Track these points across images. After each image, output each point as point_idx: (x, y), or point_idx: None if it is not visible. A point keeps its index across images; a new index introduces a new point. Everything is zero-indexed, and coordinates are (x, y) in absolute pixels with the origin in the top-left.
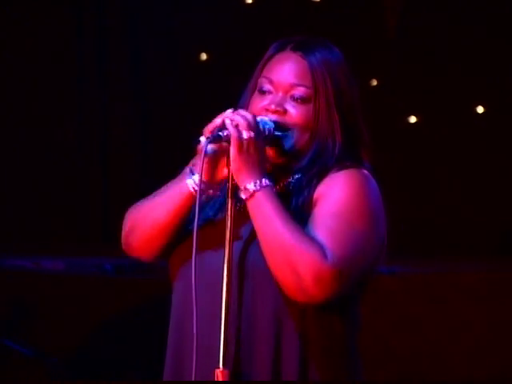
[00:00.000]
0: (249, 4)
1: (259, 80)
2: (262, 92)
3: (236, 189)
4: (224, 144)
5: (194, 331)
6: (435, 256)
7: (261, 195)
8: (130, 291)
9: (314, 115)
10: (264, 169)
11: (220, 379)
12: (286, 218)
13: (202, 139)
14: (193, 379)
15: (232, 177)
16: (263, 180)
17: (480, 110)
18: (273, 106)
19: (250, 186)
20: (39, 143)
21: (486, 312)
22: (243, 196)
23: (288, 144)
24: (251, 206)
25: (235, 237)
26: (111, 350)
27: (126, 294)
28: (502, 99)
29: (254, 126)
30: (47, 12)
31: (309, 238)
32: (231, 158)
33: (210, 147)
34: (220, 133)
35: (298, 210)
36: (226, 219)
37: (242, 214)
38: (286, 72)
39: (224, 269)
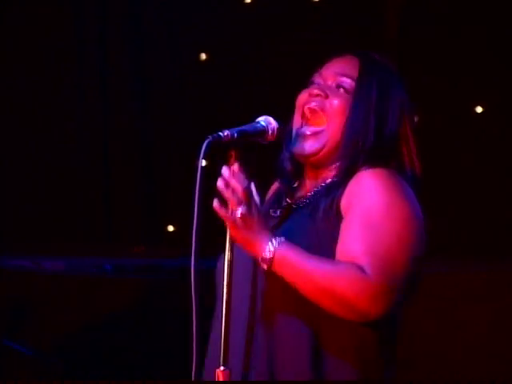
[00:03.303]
0: (248, 4)
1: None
2: (311, 83)
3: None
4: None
5: (194, 330)
6: (435, 256)
7: (279, 256)
8: (130, 291)
9: (352, 108)
10: (267, 225)
11: (220, 379)
12: (312, 260)
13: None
14: (192, 378)
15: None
16: (273, 240)
17: (479, 109)
18: (315, 91)
19: (266, 255)
20: (39, 143)
21: (486, 312)
22: (265, 267)
23: (323, 140)
24: (275, 269)
25: None
26: (111, 349)
27: (126, 294)
28: (501, 99)
29: (246, 197)
30: (47, 12)
31: (342, 266)
32: (231, 236)
33: None
34: (220, 133)
35: (325, 212)
36: None
37: None
38: (336, 65)
39: (224, 269)
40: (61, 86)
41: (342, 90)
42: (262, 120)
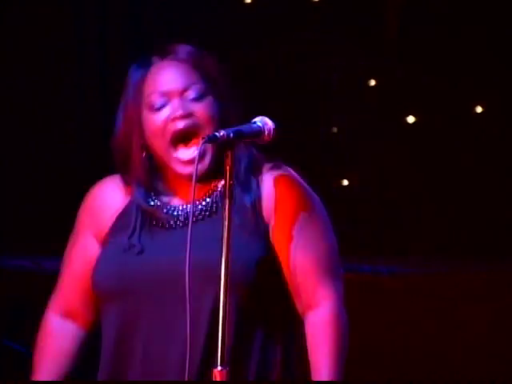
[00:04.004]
0: (248, 4)
1: (147, 100)
2: (157, 109)
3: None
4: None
5: (188, 331)
6: (435, 256)
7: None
8: None
9: (217, 106)
10: None
11: (218, 379)
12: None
13: None
14: (186, 379)
15: (229, 176)
16: None
17: (479, 109)
18: (180, 111)
19: None
20: (39, 143)
21: (486, 312)
22: None
23: (209, 155)
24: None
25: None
26: None
27: None
28: (501, 99)
29: None
30: (47, 12)
31: (327, 328)
32: None
33: None
34: (216, 133)
35: (252, 208)
36: (223, 219)
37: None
38: (172, 79)
39: (222, 269)
40: (61, 86)
41: (196, 99)
42: (259, 120)
